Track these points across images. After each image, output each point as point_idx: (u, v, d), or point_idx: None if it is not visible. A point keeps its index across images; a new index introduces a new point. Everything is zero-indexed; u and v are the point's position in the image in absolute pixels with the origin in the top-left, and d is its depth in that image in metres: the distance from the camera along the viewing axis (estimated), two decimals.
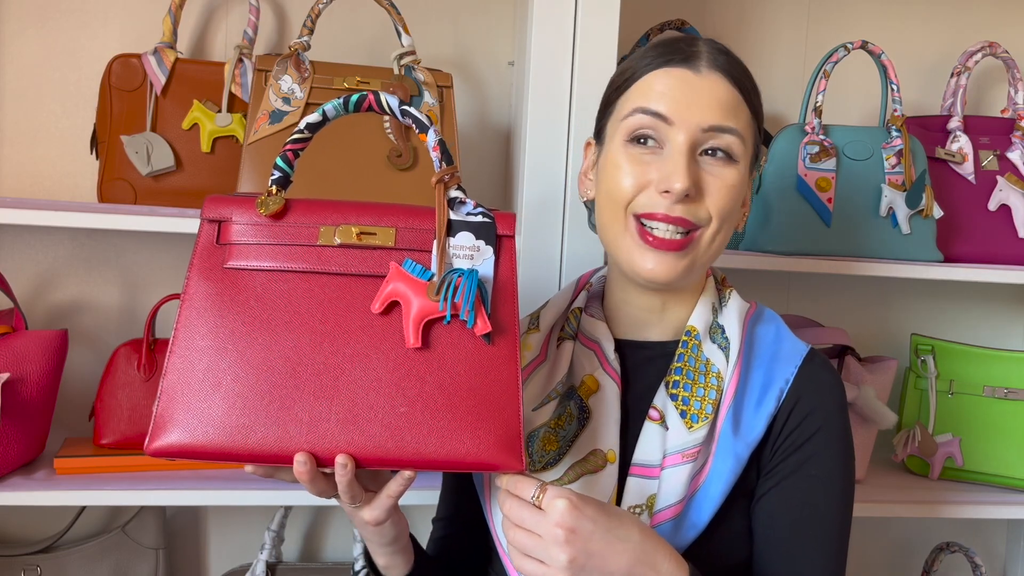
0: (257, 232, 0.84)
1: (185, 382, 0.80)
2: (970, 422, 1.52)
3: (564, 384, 0.98)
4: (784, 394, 0.94)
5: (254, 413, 0.79)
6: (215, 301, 0.82)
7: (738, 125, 0.91)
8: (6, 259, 1.45)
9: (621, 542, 0.81)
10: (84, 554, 1.43)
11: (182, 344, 0.81)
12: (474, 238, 0.85)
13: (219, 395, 0.79)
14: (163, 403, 0.79)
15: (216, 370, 0.80)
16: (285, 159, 0.86)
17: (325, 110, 0.86)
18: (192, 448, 0.78)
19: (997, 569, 1.79)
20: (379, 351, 0.82)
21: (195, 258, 0.84)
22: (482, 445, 0.81)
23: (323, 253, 0.84)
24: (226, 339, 0.81)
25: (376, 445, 0.80)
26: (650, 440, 0.93)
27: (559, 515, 0.79)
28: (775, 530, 0.93)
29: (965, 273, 1.43)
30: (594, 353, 0.98)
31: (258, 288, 0.83)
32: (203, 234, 0.85)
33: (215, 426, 0.79)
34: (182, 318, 0.81)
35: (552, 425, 0.96)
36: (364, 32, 1.51)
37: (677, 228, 0.90)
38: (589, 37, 1.27)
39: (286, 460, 0.79)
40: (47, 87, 1.45)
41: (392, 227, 0.85)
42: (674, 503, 0.90)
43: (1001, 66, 1.64)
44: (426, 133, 0.86)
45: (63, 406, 1.43)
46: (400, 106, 0.86)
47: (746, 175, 0.94)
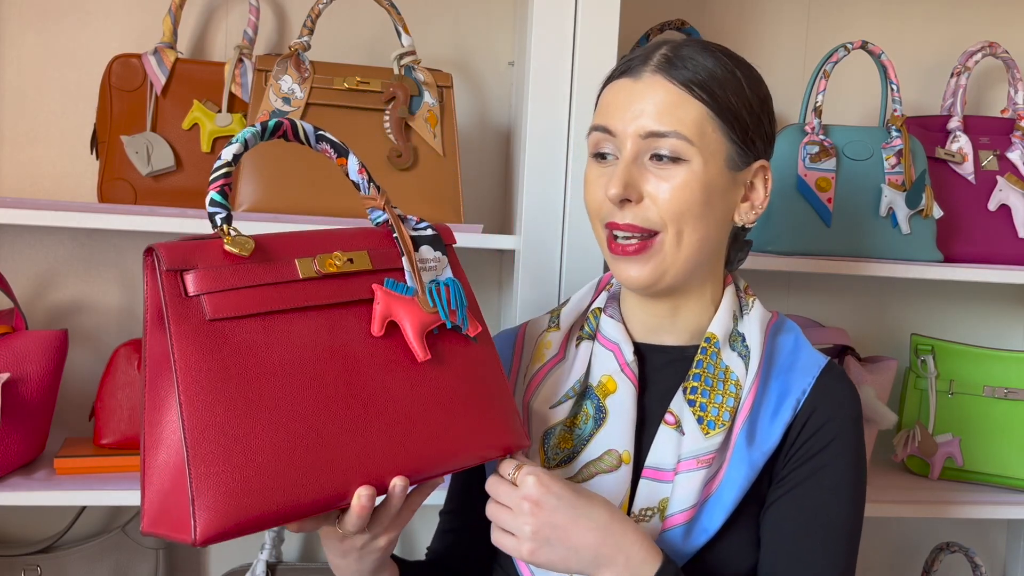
0: (233, 276, 0.76)
1: (215, 453, 0.71)
2: (970, 422, 1.52)
3: (582, 383, 0.99)
4: (800, 404, 0.95)
5: (304, 462, 0.74)
6: (213, 359, 0.73)
7: (678, 126, 0.90)
8: (6, 259, 1.45)
9: (587, 519, 0.84)
10: (84, 554, 1.43)
11: (196, 418, 0.71)
12: (432, 250, 0.89)
13: (259, 454, 0.73)
14: (198, 484, 0.70)
15: (246, 429, 0.73)
16: (223, 194, 0.79)
17: (246, 138, 0.81)
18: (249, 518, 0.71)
19: (997, 569, 1.79)
20: (393, 371, 0.82)
21: (170, 320, 0.73)
22: (498, 432, 0.87)
23: (308, 287, 0.80)
24: (242, 395, 0.74)
25: (421, 459, 0.81)
26: (665, 444, 0.94)
27: (527, 488, 0.84)
28: (783, 537, 0.93)
29: (965, 273, 1.43)
30: (613, 354, 0.98)
31: (252, 335, 0.76)
32: (167, 290, 0.74)
33: (268, 487, 0.72)
34: (186, 394, 0.72)
35: (568, 424, 0.97)
36: (364, 32, 1.51)
37: (631, 233, 0.92)
38: (589, 37, 1.27)
39: (346, 500, 0.77)
40: (47, 87, 1.45)
41: (364, 250, 0.85)
42: (687, 508, 0.91)
43: (1001, 66, 1.64)
44: (346, 158, 0.87)
45: (63, 406, 1.43)
46: (316, 132, 0.86)
47: (710, 172, 0.91)
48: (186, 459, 0.70)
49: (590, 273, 1.28)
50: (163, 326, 0.75)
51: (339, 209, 1.26)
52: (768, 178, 0.98)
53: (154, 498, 0.75)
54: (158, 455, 0.76)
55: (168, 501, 0.74)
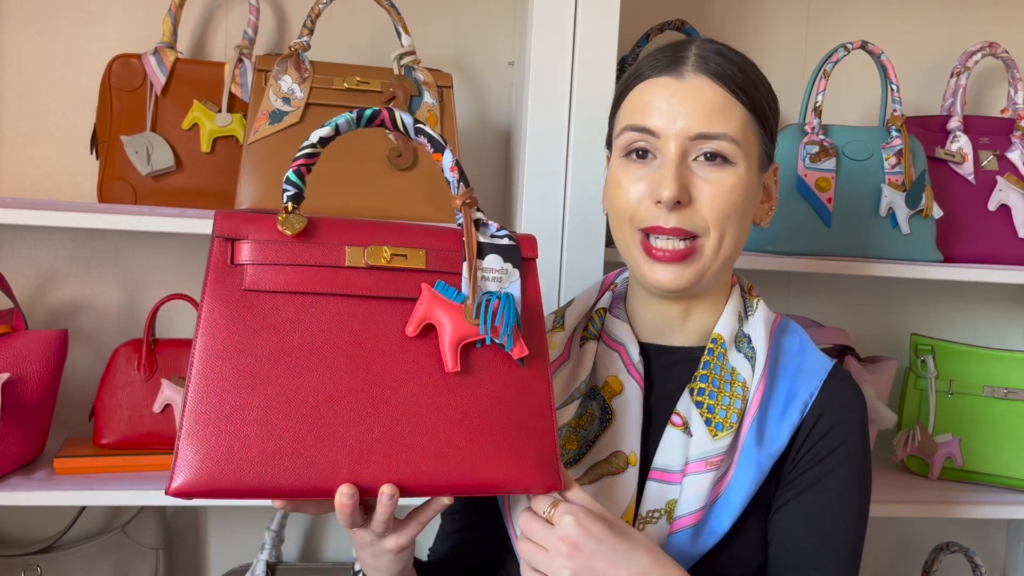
0: (278, 252, 0.78)
1: (211, 416, 0.73)
2: (970, 422, 1.52)
3: (587, 384, 0.98)
4: (808, 407, 0.94)
5: (292, 445, 0.74)
6: (237, 326, 0.76)
7: (728, 128, 0.90)
8: (6, 259, 1.45)
9: (628, 566, 0.80)
10: (84, 554, 1.43)
11: (204, 375, 0.74)
12: (502, 260, 0.84)
13: (251, 427, 0.73)
14: (186, 440, 0.72)
15: (246, 401, 0.74)
16: (298, 174, 0.81)
17: (338, 124, 0.82)
18: (222, 486, 0.72)
19: (997, 569, 1.79)
20: (416, 375, 0.79)
21: (209, 279, 0.77)
22: (523, 468, 0.80)
23: (351, 275, 0.79)
24: (253, 367, 0.75)
25: (420, 472, 0.77)
26: (672, 445, 0.93)
27: (564, 529, 0.79)
28: (791, 541, 0.93)
29: (965, 273, 1.43)
30: (618, 355, 0.98)
31: (282, 312, 0.77)
32: (215, 252, 0.78)
33: (249, 461, 0.73)
34: (201, 345, 0.74)
35: (573, 425, 0.96)
36: (364, 32, 1.51)
37: (678, 238, 0.91)
38: (589, 37, 1.27)
39: (327, 494, 0.75)
40: (47, 87, 1.45)
41: (422, 248, 0.82)
42: (695, 510, 0.91)
43: (1001, 66, 1.64)
44: (441, 153, 0.83)
45: (63, 406, 1.43)
46: (415, 124, 0.83)
47: (750, 174, 0.92)
48: (180, 413, 0.73)
49: (590, 273, 1.28)
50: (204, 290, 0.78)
51: (339, 209, 1.26)
52: (777, 179, 0.99)
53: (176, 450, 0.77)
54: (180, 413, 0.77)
55: None
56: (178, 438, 0.73)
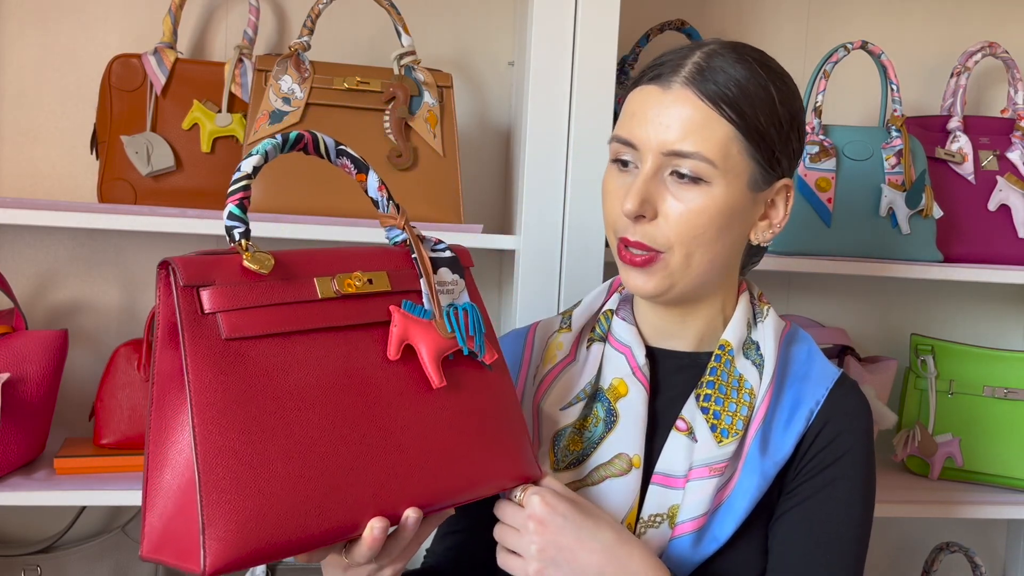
0: (251, 294, 0.73)
1: (228, 482, 0.68)
2: (970, 422, 1.52)
3: (592, 386, 0.98)
4: (813, 416, 0.94)
5: (318, 492, 0.71)
6: (229, 382, 0.70)
7: (702, 148, 0.87)
8: (6, 259, 1.45)
9: (592, 540, 0.84)
10: (84, 554, 1.43)
11: (210, 441, 0.68)
12: (451, 272, 0.87)
13: (275, 482, 0.70)
14: (209, 511, 0.67)
15: (260, 458, 0.70)
16: (241, 207, 0.76)
17: (266, 150, 0.77)
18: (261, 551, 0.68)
19: (997, 569, 1.79)
20: (409, 396, 0.80)
21: (186, 338, 0.70)
22: (515, 464, 0.86)
23: (326, 307, 0.77)
24: (259, 418, 0.71)
25: (435, 490, 0.79)
26: (676, 450, 0.93)
27: (532, 508, 0.84)
28: (793, 549, 0.93)
29: (965, 273, 1.43)
30: (624, 357, 0.98)
31: (270, 356, 0.73)
32: (183, 306, 0.70)
33: (278, 517, 0.69)
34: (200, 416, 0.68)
35: (577, 426, 0.96)
36: (364, 32, 1.51)
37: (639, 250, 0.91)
38: (589, 37, 1.27)
39: (355, 531, 0.74)
40: (47, 87, 1.45)
41: (383, 270, 0.82)
42: (697, 516, 0.90)
43: (1001, 66, 1.64)
44: (365, 174, 0.84)
45: (63, 406, 1.43)
46: (336, 147, 0.83)
47: (731, 193, 0.89)
48: (198, 484, 0.67)
49: (590, 273, 1.28)
50: (176, 344, 0.72)
51: (340, 210, 1.26)
52: (790, 196, 0.95)
53: (156, 522, 0.72)
54: (163, 477, 0.72)
55: (173, 526, 0.71)
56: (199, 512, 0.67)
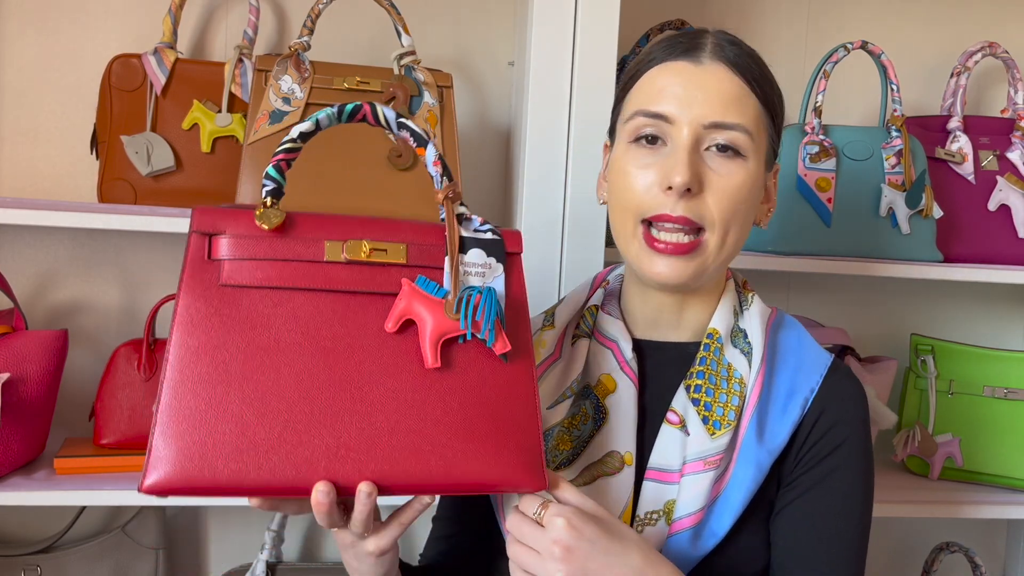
0: (255, 247, 0.77)
1: (185, 413, 0.72)
2: (970, 422, 1.51)
3: (579, 383, 0.96)
4: (809, 403, 0.92)
5: (267, 443, 0.73)
6: (213, 322, 0.75)
7: (743, 120, 0.88)
8: (6, 259, 1.45)
9: (621, 566, 0.79)
10: (84, 554, 1.43)
11: (179, 371, 0.73)
12: (485, 255, 0.83)
13: (226, 424, 0.73)
14: (160, 436, 0.72)
15: (221, 398, 0.73)
16: (278, 169, 0.80)
17: (319, 119, 0.81)
18: (196, 484, 0.72)
19: (997, 569, 1.79)
20: (396, 372, 0.78)
21: (185, 275, 0.76)
22: (506, 466, 0.79)
23: (330, 270, 0.78)
24: (229, 364, 0.74)
25: (400, 471, 0.76)
26: (668, 444, 0.91)
27: (556, 532, 0.78)
28: (796, 542, 0.91)
29: (965, 273, 1.43)
30: (611, 352, 0.96)
31: (259, 308, 0.76)
32: (192, 248, 0.77)
33: (223, 458, 0.72)
34: (177, 342, 0.74)
35: (566, 424, 0.94)
36: (364, 32, 1.51)
37: (683, 229, 0.88)
38: (589, 37, 1.27)
39: (303, 492, 0.74)
40: (47, 87, 1.45)
41: (403, 243, 0.81)
42: (695, 511, 0.88)
43: (1001, 66, 1.64)
44: (424, 147, 0.83)
45: (63, 406, 1.43)
46: (397, 119, 0.82)
47: (758, 171, 0.91)
48: (155, 409, 0.72)
49: (590, 272, 1.28)
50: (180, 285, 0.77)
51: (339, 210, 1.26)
52: (776, 180, 0.98)
53: None
54: None
55: None
56: (151, 434, 0.72)
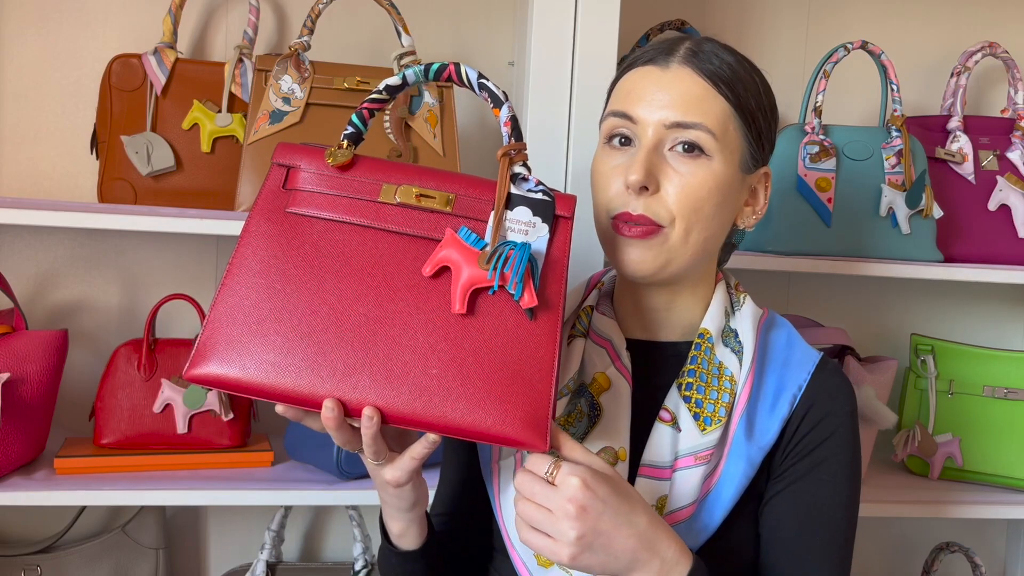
0: (322, 182, 0.86)
1: (231, 315, 0.81)
2: (970, 422, 1.52)
3: (575, 381, 0.98)
4: (797, 399, 0.95)
5: (291, 354, 0.80)
6: (272, 242, 0.84)
7: (704, 119, 0.90)
8: (6, 259, 1.45)
9: (628, 526, 0.81)
10: (84, 554, 1.43)
11: (234, 278, 0.82)
12: (531, 214, 0.85)
13: (261, 332, 0.81)
14: (207, 332, 0.81)
15: (262, 307, 0.81)
16: (360, 116, 0.88)
17: (406, 75, 0.88)
18: (228, 380, 0.80)
19: (997, 569, 1.79)
20: (422, 312, 0.82)
21: (260, 199, 0.86)
22: (509, 419, 0.80)
23: (382, 209, 0.85)
24: (276, 279, 0.82)
25: (404, 403, 0.80)
26: (661, 441, 0.93)
27: (571, 491, 0.79)
28: (783, 533, 0.94)
29: (965, 273, 1.43)
30: (605, 351, 0.98)
31: (315, 235, 0.84)
32: (271, 177, 0.86)
33: (253, 361, 0.80)
34: (239, 253, 0.83)
35: (562, 422, 0.96)
36: (364, 32, 1.51)
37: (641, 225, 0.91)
38: (589, 37, 1.27)
39: (315, 405, 0.80)
40: (47, 87, 1.45)
41: (452, 193, 0.86)
42: (686, 505, 0.91)
43: (1001, 66, 1.64)
44: (500, 108, 0.87)
45: (63, 406, 1.43)
46: (479, 79, 0.87)
47: (726, 171, 0.92)
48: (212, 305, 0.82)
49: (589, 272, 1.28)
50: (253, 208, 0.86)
51: None
52: (768, 185, 0.99)
53: None
54: None
55: None
56: (203, 328, 0.81)
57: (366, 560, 1.46)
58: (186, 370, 0.81)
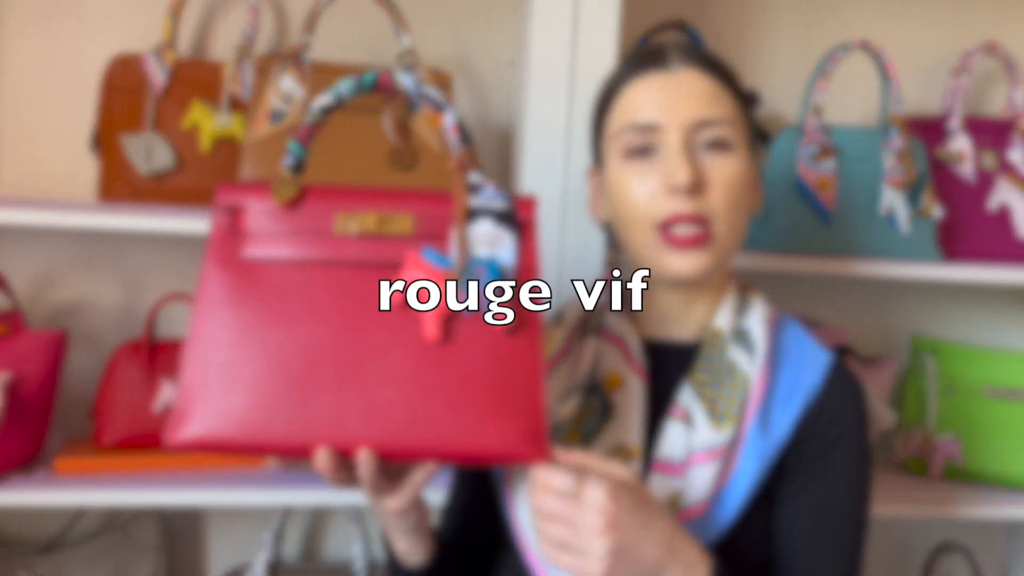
0: (273, 220, 0.82)
1: (204, 376, 0.78)
2: (970, 422, 1.51)
3: (588, 379, 0.98)
4: (810, 399, 0.95)
5: (274, 406, 0.78)
6: (232, 293, 0.80)
7: (724, 113, 0.92)
8: (6, 259, 1.45)
9: (654, 533, 0.81)
10: (84, 554, 1.43)
11: (199, 338, 0.79)
12: (494, 225, 0.82)
13: (239, 388, 0.78)
14: (183, 397, 0.78)
15: (235, 363, 0.78)
16: (299, 142, 0.83)
17: (340, 91, 0.83)
18: (211, 441, 0.78)
19: (997, 570, 1.79)
20: (398, 343, 0.80)
21: (210, 248, 0.82)
22: (505, 437, 0.79)
23: (339, 242, 0.82)
24: (244, 332, 0.79)
25: (398, 438, 0.78)
26: (674, 437, 0.93)
27: (599, 505, 0.78)
28: (796, 533, 0.94)
29: (965, 273, 1.43)
30: (618, 348, 0.98)
31: (275, 279, 0.81)
32: (218, 222, 0.82)
33: (235, 419, 0.77)
34: (199, 311, 0.80)
35: (575, 420, 0.96)
36: (364, 32, 1.51)
37: (695, 226, 0.90)
38: (589, 37, 1.27)
39: (307, 454, 0.78)
40: (47, 87, 1.45)
41: (409, 214, 0.83)
42: (700, 501, 0.91)
43: (1001, 66, 1.64)
44: (442, 113, 0.83)
45: (63, 406, 1.43)
46: (417, 87, 0.83)
47: (747, 159, 0.94)
48: (182, 371, 0.78)
49: (590, 272, 1.28)
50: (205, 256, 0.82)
51: None
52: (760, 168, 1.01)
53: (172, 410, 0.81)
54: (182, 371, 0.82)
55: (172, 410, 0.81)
56: (177, 394, 0.78)
57: (366, 560, 1.46)
58: (167, 437, 0.78)
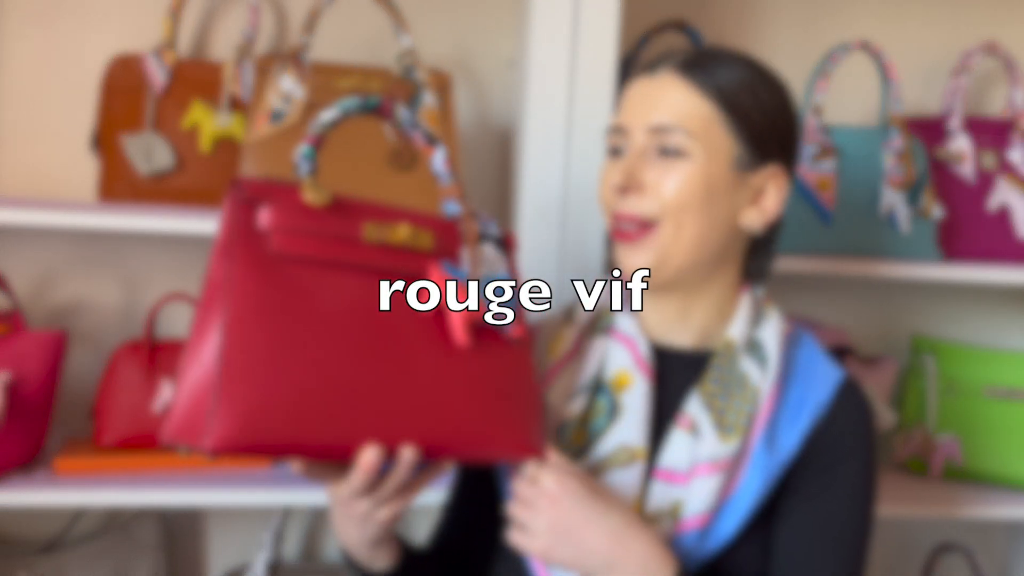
0: (302, 220, 0.81)
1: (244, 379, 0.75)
2: (970, 422, 1.51)
3: (596, 378, 0.99)
4: (818, 415, 0.95)
5: (323, 406, 0.77)
6: (267, 292, 0.78)
7: (683, 121, 0.92)
8: (6, 259, 1.45)
9: (600, 523, 0.85)
10: (84, 554, 1.43)
11: (236, 341, 0.75)
12: (494, 249, 0.92)
13: (284, 389, 0.76)
14: (221, 400, 0.73)
15: (277, 365, 0.76)
16: (313, 151, 0.83)
17: (346, 109, 0.85)
18: (262, 443, 0.75)
19: (997, 570, 1.79)
20: (429, 347, 0.85)
21: (239, 246, 0.78)
22: (520, 437, 0.87)
23: (368, 249, 0.84)
24: (284, 333, 0.77)
25: (436, 437, 0.82)
26: (678, 446, 0.94)
27: (544, 484, 0.86)
28: (796, 548, 0.94)
29: (965, 273, 1.43)
30: (628, 350, 0.98)
31: (308, 279, 0.80)
32: (235, 216, 0.79)
33: (285, 420, 0.75)
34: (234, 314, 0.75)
35: (582, 419, 0.97)
36: (364, 32, 1.51)
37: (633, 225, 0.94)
38: (589, 37, 1.27)
39: (351, 452, 0.79)
40: (47, 87, 1.45)
41: (431, 231, 0.87)
42: (701, 513, 0.91)
43: (1001, 66, 1.64)
44: (433, 149, 0.89)
45: (63, 406, 1.43)
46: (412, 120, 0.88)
47: (711, 170, 0.92)
48: (218, 371, 0.74)
49: (589, 272, 1.28)
50: (230, 255, 0.78)
51: None
52: (782, 186, 0.96)
53: (181, 411, 0.77)
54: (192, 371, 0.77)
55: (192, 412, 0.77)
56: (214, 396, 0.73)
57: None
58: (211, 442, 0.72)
